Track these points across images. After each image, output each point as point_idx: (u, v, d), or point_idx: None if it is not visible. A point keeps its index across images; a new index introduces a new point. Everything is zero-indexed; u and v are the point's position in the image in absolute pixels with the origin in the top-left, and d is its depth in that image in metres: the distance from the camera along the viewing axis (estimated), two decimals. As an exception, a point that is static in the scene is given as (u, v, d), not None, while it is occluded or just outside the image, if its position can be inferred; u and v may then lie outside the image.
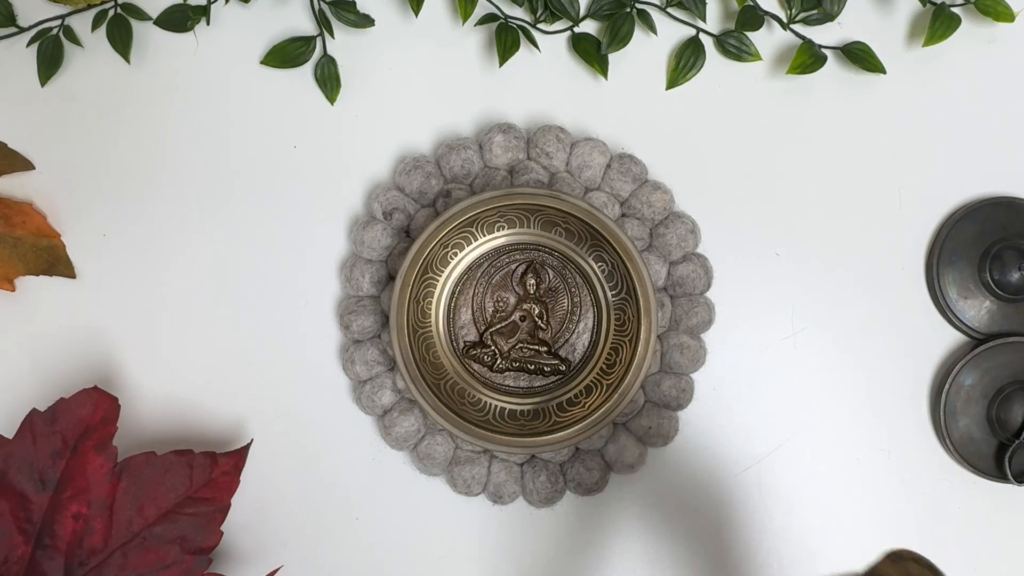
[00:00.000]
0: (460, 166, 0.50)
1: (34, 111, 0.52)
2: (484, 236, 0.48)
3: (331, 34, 0.52)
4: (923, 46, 0.51)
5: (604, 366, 0.48)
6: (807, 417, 0.51)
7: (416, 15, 0.51)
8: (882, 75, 0.52)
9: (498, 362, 0.49)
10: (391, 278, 0.50)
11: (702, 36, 0.52)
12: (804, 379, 0.51)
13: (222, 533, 0.46)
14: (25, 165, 0.51)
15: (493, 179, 0.50)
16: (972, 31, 0.52)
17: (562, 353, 0.50)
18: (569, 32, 0.52)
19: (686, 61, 0.51)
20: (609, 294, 0.48)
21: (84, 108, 0.52)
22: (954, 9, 0.51)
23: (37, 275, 0.50)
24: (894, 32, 0.53)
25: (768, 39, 0.52)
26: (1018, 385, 0.51)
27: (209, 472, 0.46)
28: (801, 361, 0.51)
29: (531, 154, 0.51)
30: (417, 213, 0.50)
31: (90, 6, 0.51)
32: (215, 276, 0.51)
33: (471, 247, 0.48)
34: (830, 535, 0.51)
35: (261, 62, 0.52)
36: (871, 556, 0.51)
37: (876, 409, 0.51)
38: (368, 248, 0.50)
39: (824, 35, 0.52)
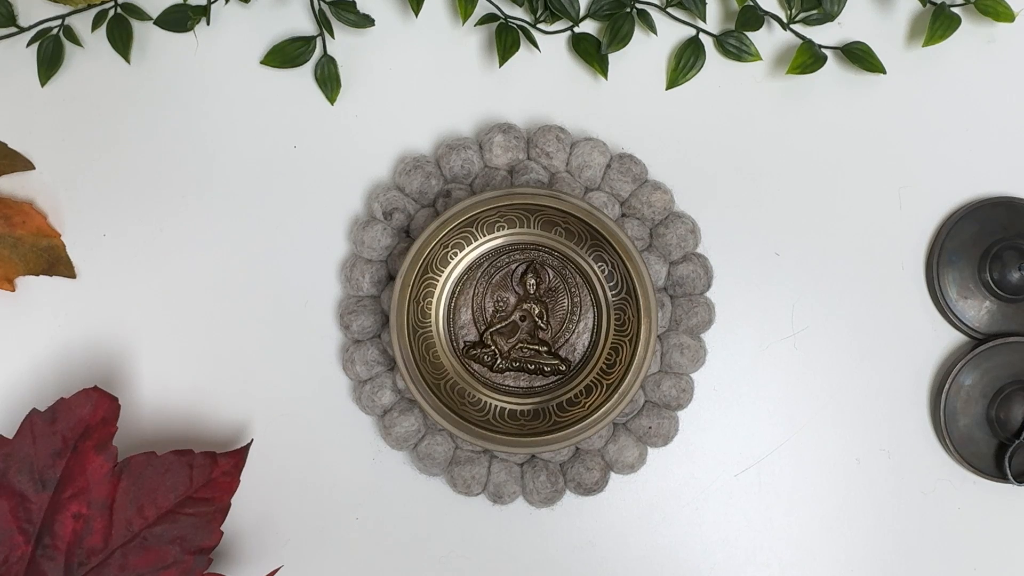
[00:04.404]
0: (460, 166, 0.50)
1: (34, 111, 0.52)
2: (484, 236, 0.48)
3: (331, 34, 0.52)
4: (923, 46, 0.51)
5: (604, 366, 0.48)
6: (807, 417, 0.51)
7: (416, 15, 0.51)
8: (882, 75, 0.52)
9: (498, 362, 0.49)
10: (391, 278, 0.50)
11: (702, 36, 0.52)
12: (804, 379, 0.51)
13: (222, 533, 0.46)
14: (25, 165, 0.51)
15: (493, 179, 0.50)
16: (972, 31, 0.52)
17: (562, 353, 0.50)
18: (569, 32, 0.52)
19: (686, 61, 0.51)
20: (609, 294, 0.48)
21: (84, 108, 0.52)
22: (954, 9, 0.51)
23: (37, 275, 0.50)
24: (894, 32, 0.53)
25: (768, 39, 0.52)
26: (1018, 385, 0.51)
27: (209, 472, 0.46)
28: (801, 361, 0.51)
29: (531, 154, 0.51)
30: (417, 213, 0.50)
31: (90, 6, 0.51)
32: (215, 276, 0.51)
33: (471, 247, 0.48)
34: (830, 535, 0.51)
35: (261, 62, 0.52)
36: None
37: (876, 409, 0.51)
38: (368, 248, 0.50)
39: (824, 35, 0.52)
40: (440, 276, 0.48)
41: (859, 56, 0.51)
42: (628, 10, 0.51)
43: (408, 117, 0.52)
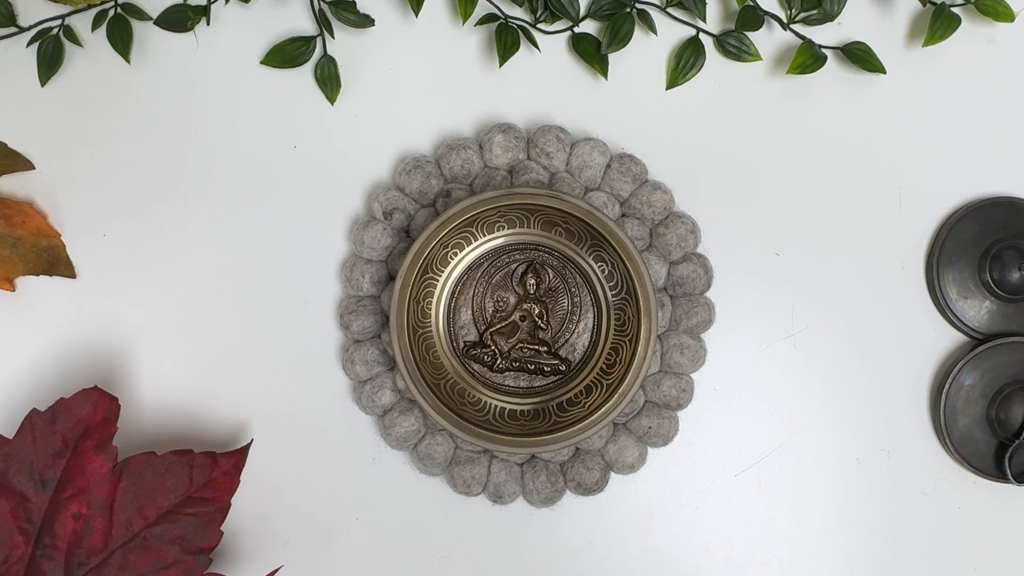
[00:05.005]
0: (460, 166, 0.50)
1: (34, 111, 0.52)
2: (484, 236, 0.48)
3: (331, 34, 0.52)
4: (923, 46, 0.51)
5: (604, 366, 0.48)
6: (807, 417, 0.51)
7: (416, 15, 0.51)
8: (882, 75, 0.52)
9: (498, 362, 0.49)
10: (391, 278, 0.50)
11: (702, 36, 0.52)
12: (804, 379, 0.51)
13: (222, 533, 0.46)
14: (25, 165, 0.51)
15: (493, 179, 0.50)
16: (972, 31, 0.52)
17: (562, 353, 0.50)
18: (569, 32, 0.52)
19: (686, 61, 0.51)
20: (609, 294, 0.48)
21: (84, 108, 0.52)
22: (954, 9, 0.51)
23: (37, 275, 0.50)
24: (894, 32, 0.53)
25: (768, 39, 0.52)
26: (1018, 385, 0.51)
27: (209, 472, 0.46)
28: (801, 361, 0.51)
29: (531, 154, 0.51)
30: (417, 213, 0.50)
31: (90, 6, 0.51)
32: (215, 276, 0.51)
33: (471, 247, 0.48)
34: (830, 535, 0.51)
35: (261, 62, 0.52)
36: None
37: (876, 409, 0.51)
38: (368, 248, 0.50)
39: (824, 35, 0.52)
40: (440, 276, 0.48)
41: (859, 56, 0.51)
42: (628, 10, 0.51)
43: (408, 117, 0.52)
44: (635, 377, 0.47)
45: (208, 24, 0.52)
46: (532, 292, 0.49)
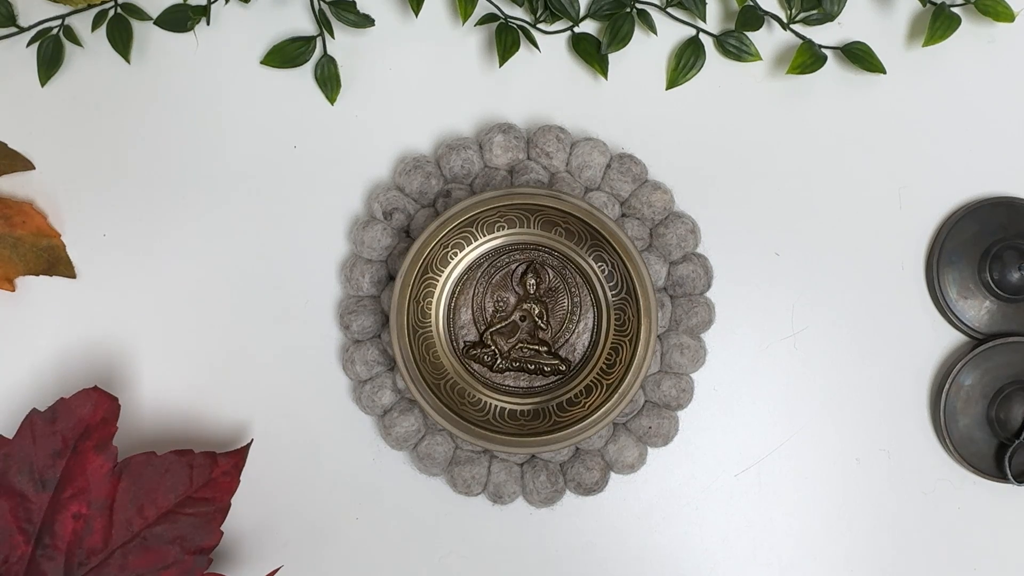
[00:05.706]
0: (460, 166, 0.50)
1: (34, 111, 0.52)
2: (484, 236, 0.48)
3: (331, 34, 0.52)
4: (923, 46, 0.51)
5: (604, 366, 0.48)
6: (807, 417, 0.51)
7: (416, 15, 0.51)
8: (882, 75, 0.52)
9: (498, 362, 0.49)
10: (391, 278, 0.50)
11: (702, 36, 0.52)
12: (804, 379, 0.51)
13: (222, 533, 0.46)
14: (25, 165, 0.51)
15: (493, 179, 0.50)
16: (972, 31, 0.52)
17: (562, 353, 0.50)
18: (569, 32, 0.52)
19: (686, 61, 0.51)
20: (609, 294, 0.48)
21: (84, 108, 0.52)
22: (954, 9, 0.51)
23: (37, 275, 0.50)
24: (894, 32, 0.53)
25: (768, 39, 0.52)
26: (1018, 385, 0.51)
27: (209, 472, 0.46)
28: (801, 361, 0.51)
29: (531, 154, 0.51)
30: (417, 213, 0.50)
31: (90, 6, 0.51)
32: (215, 276, 0.51)
33: (471, 247, 0.48)
34: (830, 535, 0.51)
35: (261, 62, 0.52)
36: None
37: (876, 409, 0.51)
38: (368, 248, 0.50)
39: (824, 35, 0.52)
40: (440, 276, 0.48)
41: (859, 56, 0.51)
42: (628, 10, 0.51)
43: (408, 117, 0.52)
44: (635, 377, 0.47)
45: (208, 24, 0.52)
46: (532, 292, 0.49)
